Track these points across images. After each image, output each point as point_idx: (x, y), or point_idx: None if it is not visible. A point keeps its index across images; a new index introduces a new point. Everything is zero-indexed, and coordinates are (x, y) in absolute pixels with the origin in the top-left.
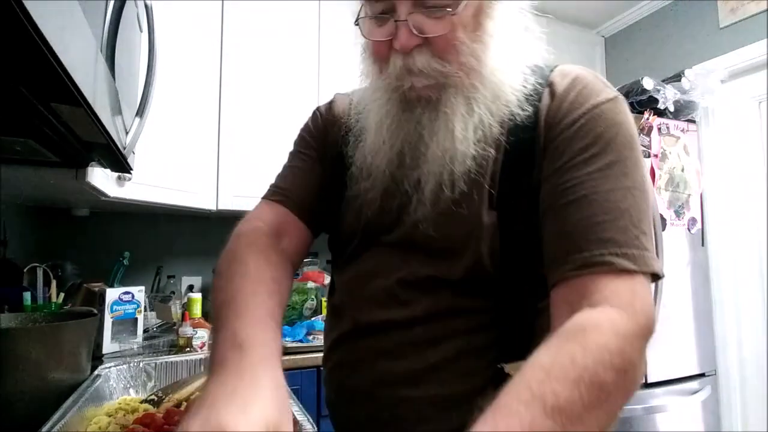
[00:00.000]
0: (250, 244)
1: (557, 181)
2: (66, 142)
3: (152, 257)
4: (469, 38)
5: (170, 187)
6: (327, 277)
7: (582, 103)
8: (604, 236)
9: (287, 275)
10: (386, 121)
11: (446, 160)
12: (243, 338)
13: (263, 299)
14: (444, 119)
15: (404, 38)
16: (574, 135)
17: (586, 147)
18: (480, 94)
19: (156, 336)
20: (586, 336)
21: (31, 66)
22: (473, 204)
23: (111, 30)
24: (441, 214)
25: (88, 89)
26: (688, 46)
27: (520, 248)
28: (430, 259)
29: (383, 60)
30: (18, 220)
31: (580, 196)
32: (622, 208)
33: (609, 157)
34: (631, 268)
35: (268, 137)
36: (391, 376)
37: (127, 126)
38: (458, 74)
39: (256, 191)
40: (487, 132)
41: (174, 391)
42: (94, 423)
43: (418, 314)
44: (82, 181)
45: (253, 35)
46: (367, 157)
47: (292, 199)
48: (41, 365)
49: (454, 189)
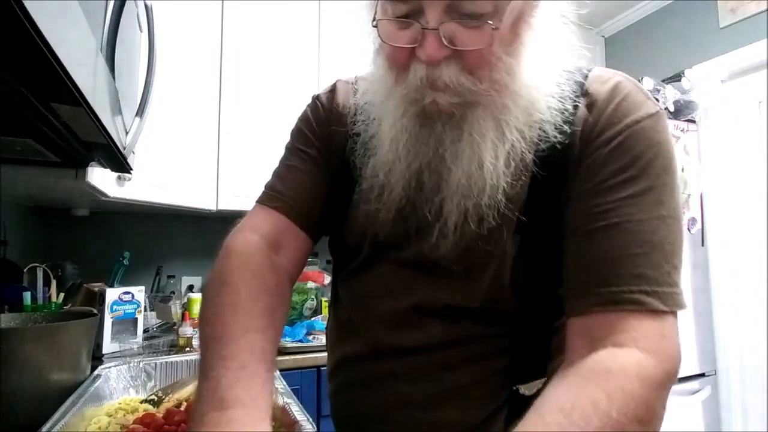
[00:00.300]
0: (242, 266)
1: (587, 204)
2: (66, 142)
3: (152, 257)
4: (505, 52)
5: (170, 187)
6: (327, 277)
7: (621, 118)
8: (635, 271)
9: (284, 300)
10: (402, 138)
11: (473, 191)
12: (227, 396)
13: (254, 338)
14: (469, 142)
15: (432, 49)
16: (609, 154)
17: (622, 169)
18: (512, 115)
19: (156, 336)
20: (610, 380)
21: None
22: (501, 239)
23: (111, 30)
24: (466, 250)
25: (88, 89)
26: (688, 46)
27: (542, 274)
28: (446, 284)
29: (401, 67)
30: (18, 220)
31: (611, 224)
32: (655, 240)
33: (645, 182)
34: (662, 309)
35: (268, 137)
36: (405, 399)
37: (127, 126)
38: (489, 93)
39: (256, 191)
40: (518, 159)
41: (174, 391)
42: (94, 423)
43: (434, 341)
44: (82, 181)
45: (253, 35)
46: (379, 174)
47: (292, 206)
48: (41, 365)
49: (481, 225)
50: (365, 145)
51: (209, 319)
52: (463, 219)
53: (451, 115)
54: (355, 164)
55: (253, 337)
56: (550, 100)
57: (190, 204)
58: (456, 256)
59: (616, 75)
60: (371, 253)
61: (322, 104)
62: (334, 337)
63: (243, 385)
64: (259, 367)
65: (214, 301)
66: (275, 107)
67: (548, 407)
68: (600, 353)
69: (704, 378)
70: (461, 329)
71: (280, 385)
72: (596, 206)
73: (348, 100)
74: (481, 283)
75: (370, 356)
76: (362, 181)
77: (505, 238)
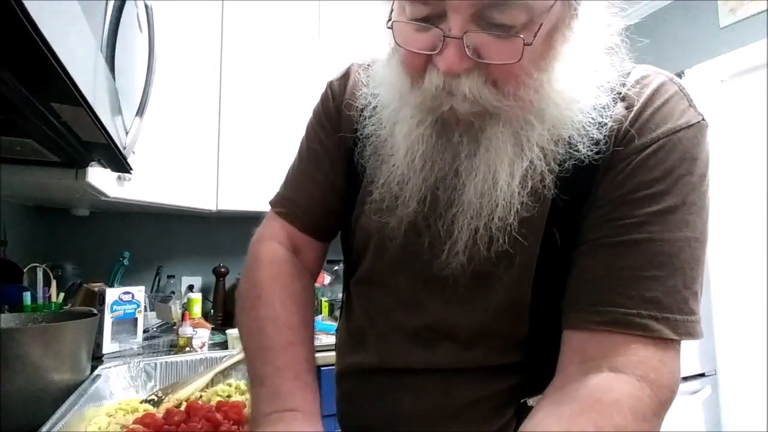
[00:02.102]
0: (274, 278)
1: (609, 214)
2: (66, 142)
3: (152, 257)
4: (536, 67)
5: (170, 187)
6: (327, 277)
7: (658, 124)
8: (648, 294)
9: (311, 302)
10: (419, 149)
11: (484, 211)
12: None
13: (299, 350)
14: (485, 158)
15: (453, 59)
16: (641, 164)
17: (652, 182)
18: (535, 132)
19: (156, 336)
20: (603, 413)
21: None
22: (513, 263)
23: (111, 30)
24: (475, 272)
25: (88, 89)
26: (688, 46)
27: (557, 293)
28: (458, 303)
29: (417, 73)
30: (18, 220)
31: (631, 240)
32: (676, 264)
33: (675, 198)
34: (669, 337)
35: (268, 137)
36: (412, 413)
37: (127, 126)
38: (513, 108)
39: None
40: (537, 180)
41: (174, 391)
42: (94, 423)
43: (444, 364)
44: (82, 181)
45: (253, 35)
46: (392, 184)
47: (300, 216)
48: (41, 365)
49: (490, 248)
50: (376, 150)
51: (252, 331)
52: (473, 241)
53: (469, 125)
54: (364, 167)
55: (298, 350)
56: (584, 116)
57: (190, 204)
58: (465, 277)
59: (659, 75)
60: (383, 264)
61: (333, 93)
62: (344, 344)
63: (300, 395)
64: (309, 377)
65: (252, 314)
66: (275, 107)
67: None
68: (593, 379)
69: (704, 378)
70: (472, 353)
71: None
72: (619, 219)
73: (360, 88)
74: (494, 304)
75: (379, 370)
76: (373, 189)
77: (517, 263)
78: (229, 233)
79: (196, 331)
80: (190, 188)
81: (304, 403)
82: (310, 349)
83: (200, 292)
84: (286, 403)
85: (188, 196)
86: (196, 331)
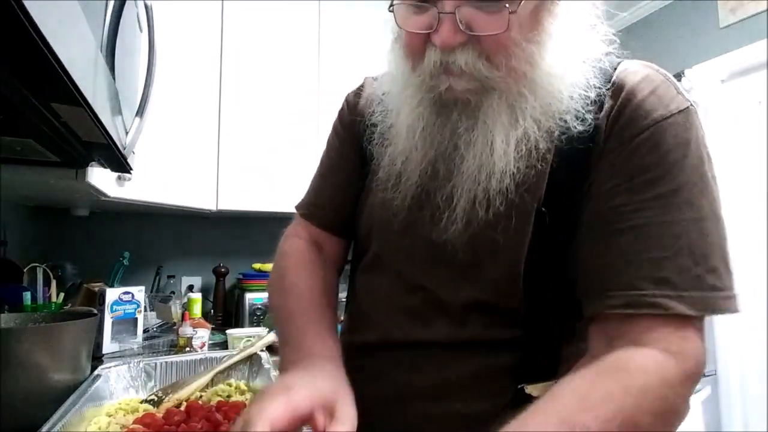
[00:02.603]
0: (296, 264)
1: (609, 202)
2: (66, 142)
3: (152, 257)
4: (524, 39)
5: (170, 187)
6: None
7: (649, 111)
8: (658, 275)
9: (334, 282)
10: (419, 126)
11: (482, 177)
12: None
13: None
14: (483, 129)
15: (447, 33)
16: (635, 150)
17: (648, 167)
18: (528, 104)
19: (156, 336)
20: (628, 376)
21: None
22: (509, 226)
23: (111, 30)
24: (473, 236)
25: (88, 89)
26: (688, 46)
27: (554, 270)
28: (458, 275)
29: (417, 54)
30: (18, 220)
31: (633, 225)
32: (682, 243)
33: (673, 182)
34: (687, 314)
35: (268, 137)
36: (410, 390)
37: (127, 126)
38: (506, 80)
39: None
40: (532, 147)
41: (174, 391)
42: (94, 423)
43: (440, 338)
44: (82, 181)
45: (253, 35)
46: (396, 162)
47: (322, 217)
48: (41, 365)
49: (488, 209)
50: (382, 135)
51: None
52: (471, 205)
53: (466, 103)
54: (372, 153)
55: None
56: (574, 91)
57: (190, 204)
58: (464, 242)
59: (646, 67)
60: (387, 244)
61: (348, 104)
62: (346, 326)
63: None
64: (329, 333)
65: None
66: (275, 107)
67: (561, 393)
68: (619, 352)
69: (704, 378)
70: (470, 328)
71: None
72: (618, 206)
73: (372, 95)
74: (491, 274)
75: (379, 346)
76: (378, 170)
77: (513, 225)
78: (229, 233)
79: (196, 331)
80: (190, 188)
81: (324, 349)
82: (331, 313)
83: (200, 292)
84: (308, 351)
85: (188, 196)
86: (196, 331)
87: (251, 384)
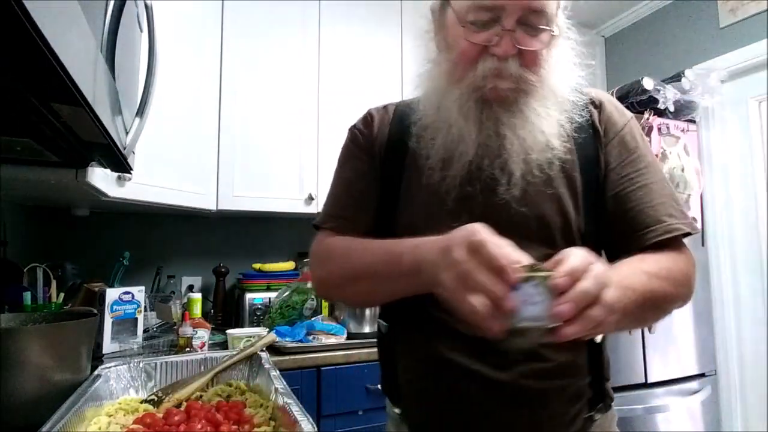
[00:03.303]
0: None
1: (621, 173)
2: (66, 142)
3: (152, 257)
4: (549, 54)
5: (170, 187)
6: None
7: (622, 114)
8: (669, 211)
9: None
10: (470, 116)
11: (533, 149)
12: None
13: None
14: (524, 115)
15: (508, 46)
16: (623, 139)
17: (635, 149)
18: (550, 102)
19: (156, 336)
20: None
21: (31, 66)
22: (561, 186)
23: (111, 30)
24: (534, 194)
25: (88, 89)
26: (688, 46)
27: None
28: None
29: (470, 61)
30: (18, 220)
31: (642, 185)
32: (667, 192)
33: (648, 157)
34: (690, 232)
35: (268, 137)
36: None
37: (127, 126)
38: (537, 83)
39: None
40: (561, 131)
41: (174, 391)
42: (94, 423)
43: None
44: (82, 181)
45: (253, 35)
46: (449, 146)
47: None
48: (41, 365)
49: (542, 172)
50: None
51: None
52: (527, 170)
53: (504, 100)
54: (419, 153)
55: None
56: (572, 97)
57: (190, 204)
58: (526, 199)
59: (600, 91)
60: (437, 221)
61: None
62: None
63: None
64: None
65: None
66: (275, 107)
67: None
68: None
69: (704, 378)
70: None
71: (280, 385)
72: (628, 174)
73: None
74: (555, 237)
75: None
76: (430, 154)
77: (564, 187)
78: (229, 233)
79: (196, 331)
80: (190, 188)
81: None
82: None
83: (200, 292)
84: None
85: (188, 196)
86: (196, 331)
87: (251, 384)
